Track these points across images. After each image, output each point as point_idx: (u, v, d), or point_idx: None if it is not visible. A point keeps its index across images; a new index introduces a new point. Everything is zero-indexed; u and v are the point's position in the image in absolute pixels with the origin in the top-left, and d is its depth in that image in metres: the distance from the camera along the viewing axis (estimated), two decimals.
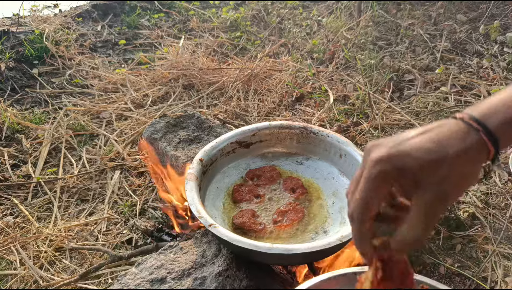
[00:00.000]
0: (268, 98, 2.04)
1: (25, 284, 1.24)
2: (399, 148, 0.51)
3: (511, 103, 0.55)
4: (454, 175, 0.51)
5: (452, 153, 0.50)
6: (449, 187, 0.51)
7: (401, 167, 0.50)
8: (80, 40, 2.63)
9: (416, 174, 0.50)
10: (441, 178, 0.50)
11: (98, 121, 1.95)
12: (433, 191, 0.50)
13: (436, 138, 0.52)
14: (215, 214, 1.13)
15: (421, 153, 0.50)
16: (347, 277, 0.82)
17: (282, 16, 2.91)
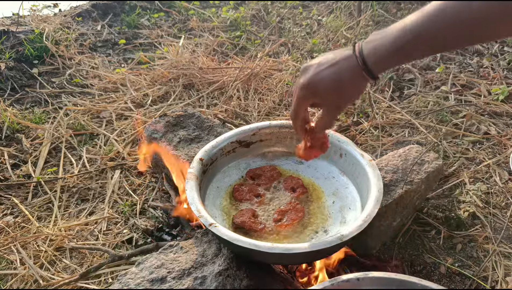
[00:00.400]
0: (268, 97, 2.04)
1: (25, 284, 1.24)
2: (315, 79, 0.83)
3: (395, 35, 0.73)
4: (344, 95, 0.84)
5: (344, 83, 0.82)
6: (341, 101, 0.86)
7: (314, 92, 0.85)
8: (80, 39, 2.63)
9: (322, 96, 0.85)
10: (336, 97, 0.85)
11: (98, 120, 1.95)
12: (332, 104, 0.87)
13: (338, 73, 0.81)
14: (215, 214, 1.13)
15: (326, 84, 0.83)
16: (350, 282, 0.83)
17: (282, 15, 2.91)
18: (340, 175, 1.25)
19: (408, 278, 0.83)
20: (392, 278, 0.84)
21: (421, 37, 0.72)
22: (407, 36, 0.72)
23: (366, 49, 0.78)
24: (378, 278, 0.84)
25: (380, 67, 0.79)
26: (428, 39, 0.71)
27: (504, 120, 1.85)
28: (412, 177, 1.27)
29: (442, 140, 1.72)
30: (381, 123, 1.83)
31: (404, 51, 0.74)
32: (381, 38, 0.76)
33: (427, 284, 0.81)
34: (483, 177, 1.56)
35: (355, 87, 0.83)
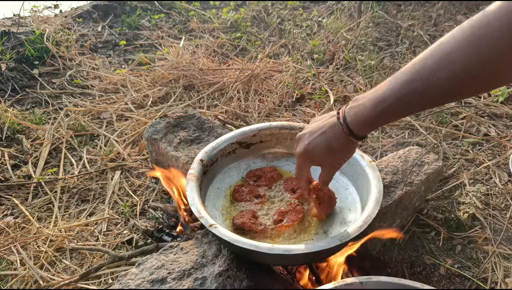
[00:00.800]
0: (268, 98, 2.04)
1: (26, 284, 1.24)
2: (308, 148, 0.95)
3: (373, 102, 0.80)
4: (336, 157, 0.96)
5: (334, 148, 0.92)
6: (335, 163, 0.98)
7: (310, 158, 0.97)
8: (81, 40, 2.64)
9: (318, 160, 0.97)
10: (331, 160, 0.96)
11: (99, 121, 1.95)
12: (328, 166, 1.00)
13: (328, 140, 0.92)
14: (215, 215, 1.13)
15: (319, 151, 0.94)
16: (353, 286, 0.83)
17: (283, 17, 2.92)
18: (340, 176, 1.25)
19: (412, 283, 0.83)
20: (395, 283, 0.83)
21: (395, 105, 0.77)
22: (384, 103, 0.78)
23: (349, 116, 0.86)
24: (382, 283, 0.84)
25: (364, 131, 0.87)
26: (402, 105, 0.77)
27: (504, 122, 1.86)
28: (412, 178, 1.27)
29: (442, 142, 1.72)
30: None
31: (382, 116, 0.81)
32: (360, 105, 0.84)
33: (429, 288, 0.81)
34: (483, 178, 1.56)
35: (345, 149, 0.94)
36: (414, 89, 0.74)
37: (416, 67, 0.74)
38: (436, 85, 0.71)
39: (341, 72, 2.26)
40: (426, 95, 0.73)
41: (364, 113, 0.83)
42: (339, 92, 2.08)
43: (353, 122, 0.86)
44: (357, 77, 2.19)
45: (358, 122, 0.85)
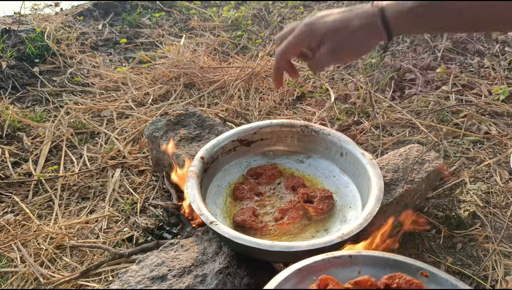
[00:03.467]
0: (269, 97, 2.04)
1: (26, 282, 1.24)
2: (321, 20, 0.74)
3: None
4: (347, 42, 0.73)
5: (350, 26, 0.70)
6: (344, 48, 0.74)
7: (314, 29, 0.75)
8: (81, 38, 2.63)
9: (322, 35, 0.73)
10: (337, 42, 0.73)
11: (99, 119, 1.95)
12: (329, 47, 0.74)
13: (346, 15, 0.72)
14: (216, 212, 1.14)
15: (329, 22, 0.73)
16: (342, 259, 0.80)
17: (283, 15, 2.91)
18: (341, 174, 1.25)
19: (403, 258, 0.80)
20: (386, 257, 0.80)
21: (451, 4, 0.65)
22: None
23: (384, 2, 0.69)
24: (372, 257, 0.80)
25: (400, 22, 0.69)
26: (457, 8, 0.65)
27: (505, 120, 1.85)
28: (413, 176, 1.27)
29: (442, 140, 1.72)
30: (382, 122, 1.83)
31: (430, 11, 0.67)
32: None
33: (421, 265, 0.79)
34: (484, 176, 1.56)
35: (364, 35, 0.71)
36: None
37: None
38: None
39: (342, 71, 2.25)
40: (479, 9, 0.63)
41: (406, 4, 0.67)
42: (340, 90, 2.08)
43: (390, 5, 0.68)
44: (358, 75, 2.18)
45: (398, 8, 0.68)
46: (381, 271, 0.77)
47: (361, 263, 0.80)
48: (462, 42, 2.45)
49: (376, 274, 0.76)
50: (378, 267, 0.79)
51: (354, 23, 0.70)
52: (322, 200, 1.13)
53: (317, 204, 1.12)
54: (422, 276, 0.77)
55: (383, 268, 0.78)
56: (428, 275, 0.77)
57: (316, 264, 0.78)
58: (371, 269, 0.79)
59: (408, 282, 0.72)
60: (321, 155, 1.30)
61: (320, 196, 1.14)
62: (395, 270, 0.77)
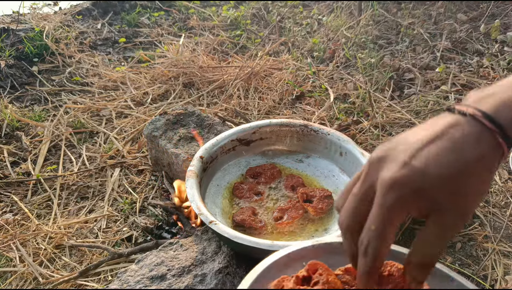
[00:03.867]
0: (268, 96, 2.04)
1: (25, 281, 1.24)
2: (416, 165, 0.44)
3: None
4: (473, 186, 0.45)
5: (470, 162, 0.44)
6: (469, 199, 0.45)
7: (420, 188, 0.44)
8: (80, 38, 2.63)
9: (437, 193, 0.44)
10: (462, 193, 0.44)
11: (98, 118, 1.95)
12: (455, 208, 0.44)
13: (452, 146, 0.45)
14: (215, 212, 1.13)
15: (440, 169, 0.44)
16: (332, 246, 0.78)
17: (283, 14, 2.91)
18: (340, 173, 1.25)
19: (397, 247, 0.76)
20: None
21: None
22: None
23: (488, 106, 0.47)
24: None
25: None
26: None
27: None
28: None
29: None
30: (381, 122, 1.83)
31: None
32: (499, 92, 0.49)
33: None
34: None
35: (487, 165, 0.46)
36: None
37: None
38: None
39: (341, 70, 2.25)
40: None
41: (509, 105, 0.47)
42: (339, 90, 2.08)
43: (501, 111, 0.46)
44: (357, 75, 2.18)
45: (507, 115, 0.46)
46: None
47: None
48: (462, 42, 2.45)
49: None
50: None
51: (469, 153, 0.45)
52: (322, 199, 1.13)
53: (316, 203, 1.12)
54: None
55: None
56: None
57: (306, 250, 0.76)
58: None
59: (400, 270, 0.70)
60: (320, 155, 1.29)
61: (319, 196, 1.14)
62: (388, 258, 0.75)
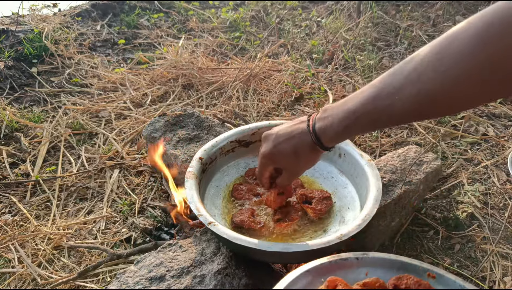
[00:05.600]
0: (267, 98, 2.04)
1: (23, 282, 1.24)
2: (273, 150, 0.94)
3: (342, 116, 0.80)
4: (300, 164, 0.96)
5: (300, 155, 0.92)
6: (297, 169, 0.99)
7: (273, 161, 0.97)
8: (79, 39, 2.63)
9: (281, 165, 0.98)
10: (293, 166, 0.97)
11: (97, 120, 1.95)
12: (289, 171, 1.00)
13: (294, 146, 0.91)
14: (214, 213, 1.13)
15: (284, 156, 0.94)
16: (349, 261, 0.80)
17: (282, 16, 2.92)
18: (339, 175, 1.25)
19: (409, 260, 0.80)
20: (392, 259, 0.80)
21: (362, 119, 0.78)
22: (351, 118, 0.79)
23: (318, 128, 0.86)
24: (379, 259, 0.80)
25: (332, 142, 0.88)
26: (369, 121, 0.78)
27: (502, 122, 1.86)
28: (411, 177, 1.28)
29: (440, 141, 1.73)
30: None
31: (350, 130, 0.82)
32: (330, 117, 0.84)
33: (428, 266, 0.79)
34: (481, 178, 1.57)
35: (310, 158, 0.94)
36: (379, 106, 0.73)
37: (382, 83, 0.74)
38: (400, 101, 0.69)
39: (340, 72, 2.26)
40: (390, 112, 0.72)
41: (333, 127, 0.83)
42: (338, 91, 2.08)
43: (322, 133, 0.86)
44: (356, 77, 2.19)
45: (326, 134, 0.85)
46: (388, 273, 0.78)
47: (368, 265, 0.80)
48: None
49: (383, 275, 0.77)
50: (385, 268, 0.79)
51: (301, 151, 0.91)
52: (321, 201, 1.13)
53: (315, 205, 1.12)
54: (429, 277, 0.77)
55: (390, 269, 0.79)
56: (435, 276, 0.77)
57: (323, 265, 0.78)
58: (378, 270, 0.79)
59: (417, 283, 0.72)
60: (321, 158, 1.29)
61: (318, 197, 1.14)
62: (402, 271, 0.77)
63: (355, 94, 0.79)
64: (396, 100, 0.70)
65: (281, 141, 0.93)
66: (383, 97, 0.72)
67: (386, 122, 0.78)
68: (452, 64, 0.61)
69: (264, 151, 0.96)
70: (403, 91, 0.69)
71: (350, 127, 0.80)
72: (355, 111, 0.78)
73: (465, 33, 0.61)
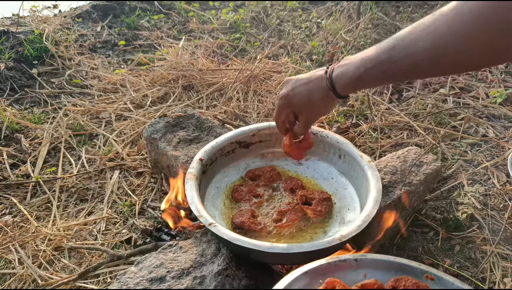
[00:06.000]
0: (267, 99, 2.04)
1: (24, 283, 1.24)
2: (291, 93, 1.01)
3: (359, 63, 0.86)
4: (315, 109, 1.01)
5: (314, 100, 0.98)
6: (311, 114, 1.03)
7: (290, 103, 1.03)
8: (80, 40, 2.63)
9: (296, 108, 1.04)
10: (308, 111, 1.02)
11: (98, 121, 1.95)
12: (304, 116, 1.05)
13: (310, 90, 0.98)
14: (214, 214, 1.14)
15: (299, 98, 1.00)
16: (348, 263, 0.80)
17: (282, 18, 2.92)
18: (339, 176, 1.25)
19: (408, 262, 0.80)
20: (391, 261, 0.80)
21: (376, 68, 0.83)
22: (366, 66, 0.84)
23: (335, 74, 0.92)
24: (377, 261, 0.81)
25: (345, 90, 0.93)
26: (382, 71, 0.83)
27: (502, 123, 1.86)
28: (411, 178, 1.28)
29: (440, 142, 1.73)
30: (380, 125, 1.83)
31: (363, 79, 0.87)
32: (347, 64, 0.89)
33: (426, 268, 0.79)
34: (481, 179, 1.57)
35: (324, 103, 0.99)
36: (394, 56, 0.79)
37: (400, 35, 0.79)
38: (413, 54, 0.75)
39: None
40: (403, 63, 0.78)
41: (348, 74, 0.88)
42: None
43: (338, 80, 0.91)
44: None
45: (342, 81, 0.90)
46: (386, 274, 0.78)
47: (366, 266, 0.81)
48: None
49: (381, 277, 0.77)
50: (383, 270, 0.80)
51: (315, 96, 0.97)
52: (321, 202, 1.13)
53: (315, 206, 1.12)
54: (427, 279, 0.77)
55: (388, 271, 0.79)
56: (433, 278, 0.77)
57: (322, 267, 0.79)
58: (377, 272, 0.79)
59: (415, 284, 0.73)
60: (319, 157, 1.30)
61: (318, 198, 1.14)
62: (400, 273, 0.78)
63: (373, 46, 0.84)
64: (410, 52, 0.75)
65: (298, 84, 1.00)
66: (399, 49, 0.77)
67: (398, 74, 0.82)
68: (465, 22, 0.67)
69: (282, 93, 1.04)
70: (418, 44, 0.74)
71: (364, 75, 0.85)
72: (371, 60, 0.83)
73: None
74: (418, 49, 0.74)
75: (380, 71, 0.82)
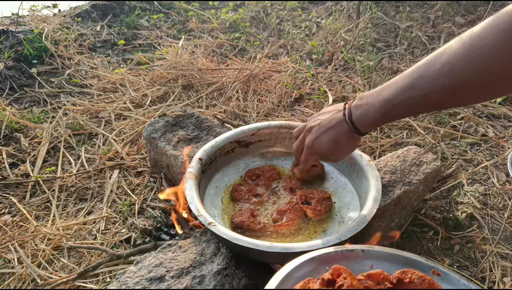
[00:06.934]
0: (267, 98, 2.04)
1: (23, 283, 1.24)
2: (316, 142, 1.03)
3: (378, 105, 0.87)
4: (342, 152, 1.04)
5: (341, 143, 1.00)
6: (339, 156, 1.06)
7: (317, 152, 1.05)
8: (79, 40, 2.63)
9: (324, 154, 1.05)
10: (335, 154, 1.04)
11: (97, 120, 1.95)
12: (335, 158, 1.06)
13: (335, 135, 0.99)
14: (214, 213, 1.13)
15: (328, 147, 1.01)
16: (355, 253, 0.80)
17: (281, 17, 2.92)
18: (339, 175, 1.25)
19: (415, 256, 0.80)
20: (398, 254, 0.80)
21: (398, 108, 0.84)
22: (387, 107, 0.85)
23: (355, 116, 0.93)
24: (384, 253, 0.81)
25: (369, 129, 0.96)
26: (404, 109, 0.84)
27: (502, 122, 1.86)
28: (411, 178, 1.28)
29: (440, 142, 1.73)
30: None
31: (387, 117, 0.88)
32: (366, 105, 0.90)
33: (433, 264, 0.79)
34: (481, 178, 1.57)
35: (350, 145, 1.01)
36: (415, 96, 0.79)
37: (416, 73, 0.79)
38: (434, 92, 0.76)
39: (340, 73, 2.26)
40: (425, 101, 0.79)
41: (370, 115, 0.89)
42: (338, 92, 2.08)
43: (359, 122, 0.93)
44: (356, 78, 2.19)
45: (364, 123, 0.92)
46: (393, 267, 0.78)
47: (373, 258, 0.81)
48: None
49: (388, 269, 0.77)
50: (390, 262, 0.80)
51: (341, 141, 0.99)
52: (320, 201, 1.13)
53: (315, 205, 1.12)
54: (434, 274, 0.77)
55: (395, 264, 0.79)
56: (440, 273, 0.77)
57: (329, 255, 0.79)
58: (383, 264, 0.79)
59: (421, 278, 0.73)
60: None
61: (318, 198, 1.14)
62: (406, 266, 0.78)
63: (388, 84, 0.86)
64: (430, 91, 0.76)
65: (323, 131, 1.01)
66: (418, 88, 0.78)
67: (421, 109, 0.85)
68: (484, 56, 0.67)
69: (308, 143, 1.05)
70: (437, 82, 0.74)
71: (387, 114, 0.87)
72: (391, 100, 0.84)
73: (496, 27, 0.65)
74: (438, 87, 0.74)
75: (400, 110, 0.84)
